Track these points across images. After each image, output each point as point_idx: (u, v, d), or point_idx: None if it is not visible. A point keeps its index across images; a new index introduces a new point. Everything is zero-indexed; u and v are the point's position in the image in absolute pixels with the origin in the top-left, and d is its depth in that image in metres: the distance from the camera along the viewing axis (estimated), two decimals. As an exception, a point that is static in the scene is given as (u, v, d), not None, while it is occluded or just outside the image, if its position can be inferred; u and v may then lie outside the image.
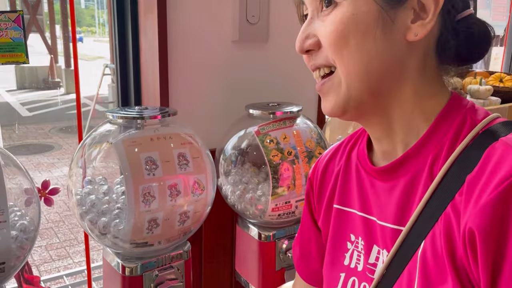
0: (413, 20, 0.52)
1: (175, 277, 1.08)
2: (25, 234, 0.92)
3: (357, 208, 0.64)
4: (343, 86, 0.55)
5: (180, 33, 1.33)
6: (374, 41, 0.53)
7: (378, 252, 0.60)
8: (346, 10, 0.53)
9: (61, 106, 8.99)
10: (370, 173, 0.62)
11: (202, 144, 1.11)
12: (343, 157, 0.69)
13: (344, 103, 0.56)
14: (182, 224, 1.04)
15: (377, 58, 0.53)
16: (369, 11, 0.52)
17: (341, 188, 0.68)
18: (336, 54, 0.54)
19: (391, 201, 0.58)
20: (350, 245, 0.65)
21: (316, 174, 0.74)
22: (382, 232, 0.59)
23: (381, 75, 0.54)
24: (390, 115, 0.57)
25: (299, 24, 0.63)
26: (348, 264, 0.65)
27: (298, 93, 1.61)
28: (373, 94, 0.55)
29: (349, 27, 0.53)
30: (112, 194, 1.10)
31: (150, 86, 1.38)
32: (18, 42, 0.94)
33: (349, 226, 0.66)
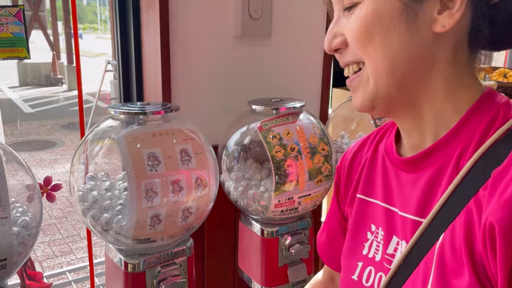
0: (440, 11, 0.51)
1: (178, 273, 1.07)
2: (27, 231, 0.92)
3: (380, 198, 0.65)
4: (370, 82, 0.56)
5: (182, 28, 1.33)
6: (399, 35, 0.52)
7: (397, 243, 0.60)
8: (368, 7, 0.53)
9: (63, 102, 8.99)
10: (395, 164, 0.62)
11: (204, 140, 1.10)
12: (370, 148, 0.70)
13: (372, 99, 0.57)
14: (184, 220, 1.03)
15: (403, 53, 0.53)
16: (391, 5, 0.52)
17: (365, 178, 0.69)
18: (361, 50, 0.55)
19: (414, 193, 0.58)
20: (370, 235, 0.66)
21: (343, 165, 0.75)
22: (403, 223, 0.59)
23: (408, 69, 0.54)
24: (420, 108, 0.57)
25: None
26: (367, 253, 0.66)
27: (301, 89, 1.60)
28: (400, 89, 0.55)
29: (372, 23, 0.53)
30: (114, 190, 1.10)
31: (152, 82, 1.37)
32: (19, 37, 0.94)
33: (370, 216, 0.66)
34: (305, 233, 1.30)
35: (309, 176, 1.19)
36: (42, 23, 10.60)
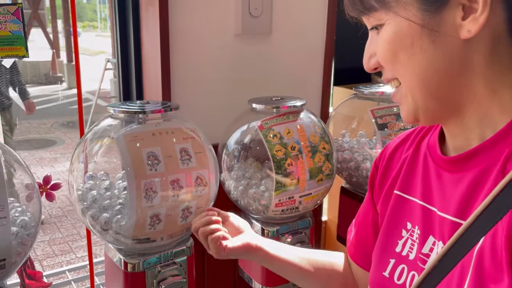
0: (464, 17, 0.51)
1: (178, 273, 1.07)
2: (26, 230, 0.91)
3: (418, 197, 0.64)
4: (408, 97, 0.57)
5: (182, 26, 1.32)
6: (424, 53, 0.53)
7: (434, 243, 0.60)
8: (389, 30, 0.55)
9: (63, 101, 8.98)
10: (438, 163, 0.62)
11: (204, 138, 1.09)
12: (412, 145, 0.69)
13: (413, 112, 0.58)
14: (184, 219, 1.03)
15: (432, 67, 0.53)
16: (409, 25, 0.53)
17: (405, 175, 0.68)
18: (392, 71, 0.57)
19: (455, 193, 0.57)
20: (405, 233, 0.65)
21: (382, 158, 0.74)
22: (441, 223, 0.58)
23: (442, 81, 0.54)
24: (464, 113, 0.56)
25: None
26: (400, 251, 0.65)
27: (302, 87, 1.59)
28: (439, 100, 0.56)
29: (395, 45, 0.55)
30: (114, 190, 1.09)
31: (152, 80, 1.37)
32: (18, 36, 0.93)
33: (407, 213, 0.66)
34: (306, 233, 1.29)
35: (310, 175, 1.18)
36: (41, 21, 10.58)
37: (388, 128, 1.35)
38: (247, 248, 0.82)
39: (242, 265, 1.36)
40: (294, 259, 0.83)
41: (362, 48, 0.60)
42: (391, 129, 1.36)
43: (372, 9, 0.56)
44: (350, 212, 1.53)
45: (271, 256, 0.83)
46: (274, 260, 0.83)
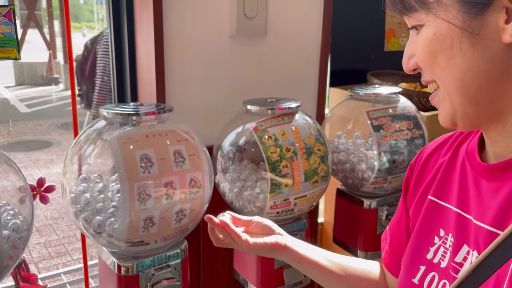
0: (508, 20, 0.49)
1: (172, 276, 1.06)
2: (18, 234, 0.90)
3: (453, 204, 0.62)
4: (447, 101, 0.56)
5: (177, 28, 1.31)
6: (462, 55, 0.52)
7: (468, 252, 0.58)
8: (428, 31, 0.54)
9: (60, 102, 8.95)
10: (476, 170, 0.60)
11: (198, 141, 1.09)
12: (450, 149, 0.67)
13: (451, 116, 0.57)
14: (178, 222, 1.02)
15: (471, 71, 0.52)
16: (449, 27, 0.52)
17: (441, 180, 0.66)
18: (430, 73, 0.56)
19: (493, 202, 0.55)
20: (437, 240, 0.64)
21: (418, 162, 0.73)
22: (477, 232, 0.57)
23: (482, 86, 0.53)
24: (506, 119, 0.55)
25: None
26: (431, 258, 0.63)
27: (298, 89, 1.59)
28: (478, 106, 0.54)
29: (434, 47, 0.54)
30: (107, 192, 1.08)
31: (146, 82, 1.36)
32: (9, 37, 0.92)
33: (440, 220, 0.64)
34: (301, 235, 1.29)
35: (305, 177, 1.18)
36: (38, 22, 10.55)
37: (383, 130, 1.35)
38: (275, 247, 0.79)
39: (238, 268, 1.36)
40: (323, 261, 0.81)
41: (357, 49, 0.60)
42: (387, 131, 1.35)
43: (412, 10, 0.55)
44: (346, 213, 1.52)
45: (300, 256, 0.80)
46: (303, 260, 0.80)
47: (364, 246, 1.44)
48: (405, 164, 1.38)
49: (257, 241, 0.78)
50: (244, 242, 0.77)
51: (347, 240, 1.53)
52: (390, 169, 1.37)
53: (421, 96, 1.67)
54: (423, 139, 1.42)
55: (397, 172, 1.38)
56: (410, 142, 1.39)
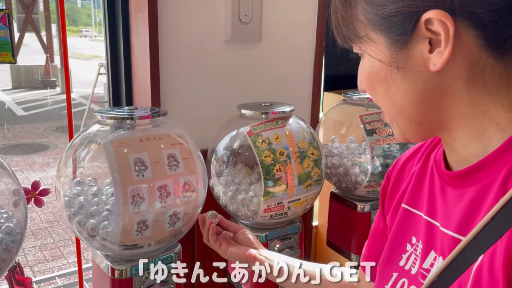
0: (431, 50, 0.50)
1: (165, 280, 1.06)
2: (11, 237, 0.91)
3: (424, 211, 0.63)
4: (393, 124, 0.59)
5: (172, 32, 1.32)
6: (396, 84, 0.53)
7: (435, 258, 0.59)
8: (365, 64, 0.56)
9: (56, 105, 8.94)
10: (442, 177, 0.61)
11: (193, 144, 1.09)
12: (422, 157, 0.68)
13: (402, 135, 0.59)
14: (172, 226, 1.03)
15: (407, 98, 0.54)
16: (379, 64, 0.54)
17: (413, 188, 0.67)
18: (376, 101, 0.59)
19: (457, 209, 0.56)
20: (409, 247, 0.65)
21: (394, 171, 0.74)
22: (442, 238, 0.58)
23: (420, 109, 0.54)
24: (455, 132, 0.55)
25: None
26: (403, 265, 0.65)
27: (291, 93, 1.60)
28: (422, 125, 0.56)
29: (371, 79, 0.56)
30: (101, 196, 1.08)
31: (141, 86, 1.37)
32: (4, 41, 0.93)
33: (412, 228, 0.65)
34: (295, 238, 1.29)
35: (299, 180, 1.19)
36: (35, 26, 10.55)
37: (376, 134, 1.36)
38: (247, 257, 0.90)
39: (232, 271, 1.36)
40: (292, 270, 0.86)
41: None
42: (380, 135, 1.36)
43: (349, 41, 0.57)
44: (339, 217, 1.53)
45: (270, 267, 0.89)
46: (272, 271, 0.88)
47: (358, 249, 1.45)
48: (398, 168, 1.40)
49: (233, 250, 0.91)
50: (222, 249, 0.92)
51: (341, 243, 1.53)
52: (383, 173, 1.38)
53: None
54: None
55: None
56: (403, 147, 1.40)
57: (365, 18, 0.53)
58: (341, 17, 0.56)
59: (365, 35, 0.54)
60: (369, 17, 0.53)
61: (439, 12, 0.47)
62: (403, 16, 0.49)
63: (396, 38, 0.51)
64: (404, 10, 0.49)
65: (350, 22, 0.55)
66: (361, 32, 0.54)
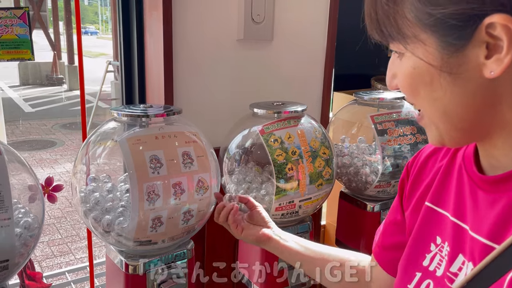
0: (488, 55, 0.46)
1: (178, 275, 1.08)
2: (29, 232, 0.92)
3: (450, 212, 0.61)
4: (432, 127, 0.55)
5: (185, 31, 1.33)
6: (443, 89, 0.50)
7: (463, 262, 0.57)
8: (408, 64, 0.52)
9: (64, 102, 9.00)
10: (473, 180, 0.58)
11: (206, 142, 1.10)
12: (447, 154, 0.66)
13: (439, 139, 0.56)
14: (186, 222, 1.04)
15: (453, 103, 0.51)
16: (428, 66, 0.50)
17: (438, 187, 0.65)
18: (415, 103, 0.55)
19: (490, 214, 0.54)
20: (434, 247, 0.63)
21: (415, 164, 0.71)
22: (472, 243, 0.56)
23: (465, 115, 0.51)
24: (496, 139, 0.54)
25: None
26: (427, 265, 0.63)
27: (303, 93, 1.61)
28: (463, 131, 0.53)
29: (414, 80, 0.52)
30: (116, 192, 1.10)
31: (154, 84, 1.38)
32: (24, 39, 0.94)
33: (437, 227, 0.63)
34: (306, 237, 1.30)
35: (310, 180, 1.20)
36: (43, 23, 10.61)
37: (387, 134, 1.37)
38: (260, 238, 0.93)
39: (242, 268, 1.37)
40: (299, 248, 0.89)
41: (362, 54, 0.59)
42: (391, 135, 1.37)
43: (390, 38, 0.53)
44: (349, 216, 1.54)
45: (282, 247, 0.91)
46: (283, 250, 0.90)
47: (367, 248, 1.46)
48: (409, 168, 1.40)
49: (247, 232, 0.95)
50: (237, 231, 0.97)
51: (350, 242, 1.54)
52: (393, 173, 1.39)
53: (425, 101, 1.69)
54: (426, 144, 1.43)
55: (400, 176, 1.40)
56: (413, 147, 1.40)
57: (414, 16, 0.49)
58: (383, 12, 0.52)
59: (413, 34, 0.50)
60: (419, 16, 0.48)
61: (504, 16, 0.44)
62: (464, 18, 0.46)
63: (451, 41, 0.47)
64: (466, 13, 0.45)
65: (394, 19, 0.51)
66: (408, 31, 0.50)
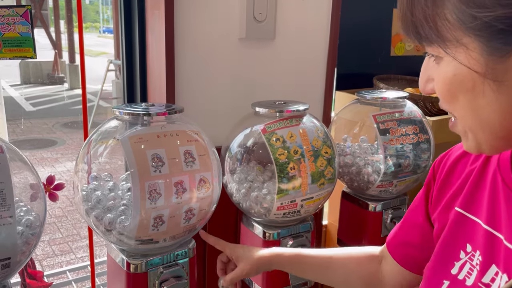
0: None
1: (180, 274, 1.07)
2: (31, 230, 0.92)
3: (483, 219, 0.58)
4: (469, 135, 0.53)
5: (187, 30, 1.33)
6: (486, 96, 0.47)
7: (496, 273, 0.55)
8: (447, 70, 0.49)
9: (65, 101, 9.00)
10: (509, 186, 0.56)
11: (208, 141, 1.10)
12: (479, 158, 0.62)
13: (477, 148, 0.53)
14: (187, 221, 1.04)
15: (497, 112, 0.48)
16: (470, 73, 0.47)
17: (469, 192, 0.62)
18: (451, 110, 0.52)
19: None
20: (463, 255, 0.60)
21: (443, 165, 0.69)
22: (507, 254, 0.53)
23: (508, 124, 0.48)
24: None
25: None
26: (456, 274, 0.60)
27: (305, 92, 1.60)
28: (504, 139, 0.51)
29: (454, 87, 0.49)
30: (117, 191, 1.10)
31: (156, 83, 1.38)
32: (26, 37, 0.94)
33: (467, 234, 0.60)
34: (307, 236, 1.30)
35: (312, 179, 1.19)
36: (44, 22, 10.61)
37: (390, 134, 1.37)
38: (253, 268, 0.95)
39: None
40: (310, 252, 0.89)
41: (365, 53, 0.58)
42: (393, 135, 1.37)
43: (427, 41, 0.50)
44: (351, 216, 1.54)
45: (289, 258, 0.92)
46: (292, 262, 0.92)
47: (369, 248, 1.46)
48: (411, 168, 1.40)
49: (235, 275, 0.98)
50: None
51: (352, 242, 1.54)
52: (395, 173, 1.38)
53: (427, 101, 1.68)
54: (428, 143, 1.43)
55: (402, 176, 1.40)
56: (415, 147, 1.40)
57: (456, 18, 0.46)
58: (421, 13, 0.49)
59: (454, 38, 0.47)
60: (462, 18, 0.45)
61: None
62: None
63: (497, 46, 0.44)
64: None
65: (433, 21, 0.48)
66: (448, 34, 0.47)
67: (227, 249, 1.02)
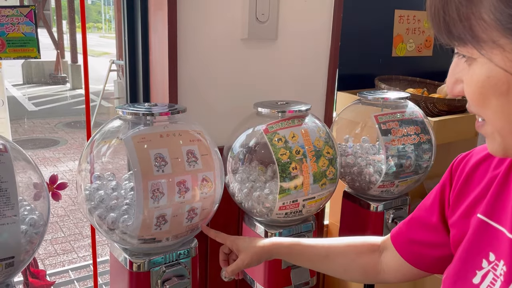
0: None
1: (182, 273, 1.08)
2: (35, 229, 0.93)
3: (507, 227, 0.56)
4: (497, 138, 0.51)
5: (190, 30, 1.34)
6: None
7: None
8: (480, 72, 0.47)
9: (67, 101, 9.02)
10: None
11: (210, 141, 1.11)
12: (503, 162, 0.60)
13: (502, 151, 0.52)
14: (190, 221, 1.04)
15: None
16: (505, 75, 0.45)
17: (492, 198, 0.59)
18: (480, 113, 0.51)
19: None
20: (486, 264, 0.58)
21: (462, 168, 0.66)
22: None
23: None
24: None
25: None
26: (478, 284, 0.58)
27: (307, 92, 1.61)
28: None
29: (487, 90, 0.47)
30: (120, 190, 1.10)
31: (159, 83, 1.38)
32: (30, 37, 0.95)
33: (490, 243, 0.58)
34: (309, 236, 1.31)
35: (314, 179, 1.20)
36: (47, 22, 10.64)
37: (391, 134, 1.37)
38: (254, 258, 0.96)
39: (245, 267, 1.38)
40: (310, 243, 0.90)
41: (366, 54, 0.56)
42: (395, 135, 1.37)
43: (460, 41, 0.48)
44: (352, 216, 1.54)
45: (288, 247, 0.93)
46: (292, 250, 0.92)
47: (370, 248, 1.46)
48: (412, 168, 1.40)
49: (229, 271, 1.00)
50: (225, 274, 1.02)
51: (353, 242, 1.54)
52: (397, 173, 1.39)
53: (428, 101, 1.69)
54: (430, 144, 1.43)
55: (404, 176, 1.40)
56: (417, 147, 1.40)
57: (493, 18, 0.43)
58: (454, 11, 0.46)
59: (490, 39, 0.45)
60: (500, 18, 0.43)
61: None
62: None
63: None
64: None
65: (468, 20, 0.45)
66: (483, 34, 0.45)
67: (228, 241, 1.03)
